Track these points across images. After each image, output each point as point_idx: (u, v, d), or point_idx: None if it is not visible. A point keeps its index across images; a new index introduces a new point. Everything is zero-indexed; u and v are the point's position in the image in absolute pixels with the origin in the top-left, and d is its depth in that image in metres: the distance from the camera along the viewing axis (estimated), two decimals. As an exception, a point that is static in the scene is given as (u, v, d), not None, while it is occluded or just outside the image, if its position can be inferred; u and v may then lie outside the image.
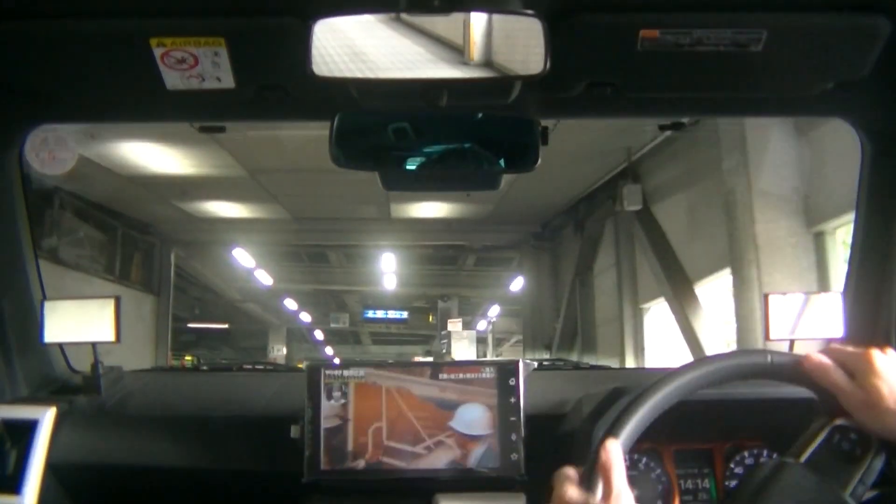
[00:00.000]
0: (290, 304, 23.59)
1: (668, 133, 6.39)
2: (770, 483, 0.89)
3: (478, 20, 1.13)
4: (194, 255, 14.79)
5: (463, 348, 14.10)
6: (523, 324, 13.54)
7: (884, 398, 0.85)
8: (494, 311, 23.24)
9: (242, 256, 15.10)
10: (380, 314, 24.93)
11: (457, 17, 1.12)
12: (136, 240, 11.50)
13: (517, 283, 17.43)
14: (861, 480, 0.87)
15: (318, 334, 32.00)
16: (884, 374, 0.86)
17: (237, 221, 11.74)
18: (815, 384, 0.92)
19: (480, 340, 21.48)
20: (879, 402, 0.85)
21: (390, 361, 1.32)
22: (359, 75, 1.11)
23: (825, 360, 0.90)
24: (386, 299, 24.08)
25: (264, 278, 18.07)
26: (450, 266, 18.10)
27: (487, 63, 1.13)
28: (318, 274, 19.25)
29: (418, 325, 26.57)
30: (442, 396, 1.28)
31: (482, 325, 23.93)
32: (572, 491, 0.80)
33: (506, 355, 22.50)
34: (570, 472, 0.83)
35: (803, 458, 0.90)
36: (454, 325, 17.91)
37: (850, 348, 0.92)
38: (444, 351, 15.63)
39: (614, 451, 0.81)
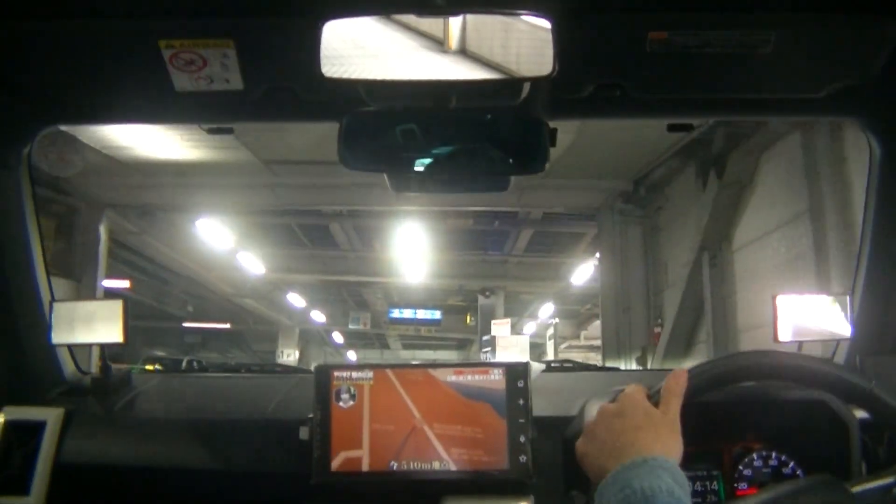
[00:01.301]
0: (297, 300, 25.30)
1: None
2: (811, 498, 1.22)
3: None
4: (150, 229, 15.32)
5: (512, 358, 14.09)
6: (602, 326, 13.72)
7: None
8: (546, 311, 24.25)
9: (213, 231, 15.61)
10: (408, 314, 26.53)
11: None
12: (47, 201, 11.19)
13: (582, 273, 18.14)
14: None
15: (338, 337, 35.27)
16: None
17: (189, 169, 11.58)
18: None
19: (534, 346, 22.32)
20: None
21: (400, 363, 1.82)
22: (367, 76, 1.57)
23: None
24: (415, 295, 25.37)
25: (253, 265, 19.12)
26: (494, 251, 18.86)
27: (462, 50, 1.58)
28: (323, 261, 20.26)
29: (454, 328, 28.28)
30: (450, 398, 1.76)
31: (529, 327, 25.11)
32: (640, 396, 1.31)
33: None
34: (640, 386, 1.35)
35: (856, 488, 1.23)
36: (500, 328, 18.68)
37: None
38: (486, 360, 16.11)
39: (681, 382, 1.31)
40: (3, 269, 2.04)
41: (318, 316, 29.41)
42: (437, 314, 26.65)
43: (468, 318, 27.64)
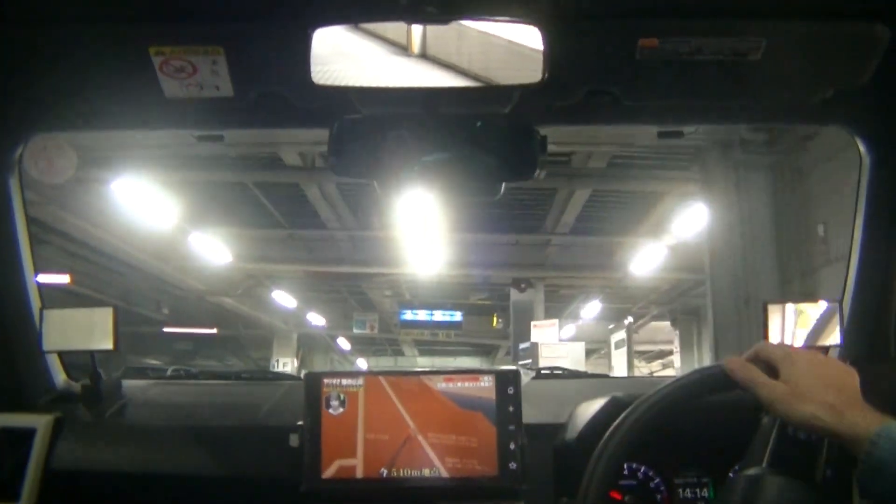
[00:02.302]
0: (284, 299, 26.31)
1: None
2: (751, 500, 1.73)
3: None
4: (58, 196, 13.90)
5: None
6: (714, 325, 12.04)
7: (802, 387, 1.60)
8: (591, 310, 25.11)
9: (139, 196, 13.74)
10: (422, 316, 27.47)
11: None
12: None
13: (646, 258, 18.31)
14: (827, 464, 1.70)
15: (346, 343, 37.63)
16: (805, 364, 1.64)
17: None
18: (742, 385, 1.83)
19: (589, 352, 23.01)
20: (797, 390, 1.60)
21: (389, 370, 2.48)
22: (358, 83, 2.15)
23: (742, 360, 1.81)
24: (430, 292, 26.17)
25: (214, 251, 18.92)
26: (534, 221, 18.59)
27: (423, 54, 2.14)
28: (307, 245, 20.47)
29: (477, 331, 29.46)
30: (441, 405, 2.40)
31: (567, 331, 25.49)
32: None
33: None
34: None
35: (766, 461, 1.79)
36: (544, 332, 19.53)
37: (775, 346, 1.74)
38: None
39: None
40: None
41: (316, 319, 30.61)
42: (456, 315, 27.56)
43: (494, 319, 28.55)
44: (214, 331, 30.34)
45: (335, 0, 2.13)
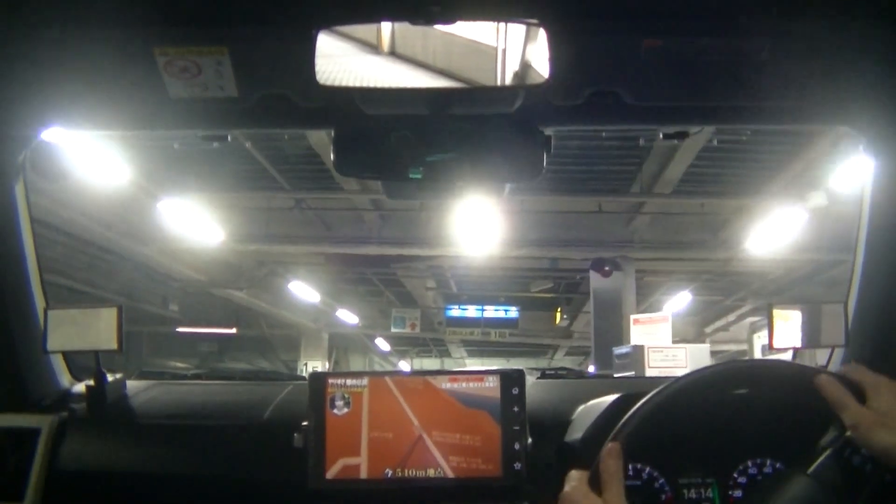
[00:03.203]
0: (304, 291, 26.99)
1: None
2: (776, 494, 2.22)
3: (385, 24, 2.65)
4: None
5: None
6: (857, 318, 11.68)
7: (889, 416, 2.04)
8: (679, 302, 24.96)
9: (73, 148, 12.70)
10: (471, 312, 28.59)
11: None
12: None
13: (774, 230, 17.02)
14: (870, 497, 2.02)
15: (383, 344, 39.91)
16: (894, 394, 2.11)
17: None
18: (828, 402, 2.17)
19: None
20: (884, 419, 2.03)
21: (395, 371, 3.20)
22: (362, 84, 2.74)
23: (832, 378, 2.19)
24: (480, 283, 26.80)
25: (199, 227, 18.26)
26: (619, 181, 17.68)
27: (392, 52, 2.65)
28: (323, 220, 20.04)
29: (537, 329, 30.59)
30: (446, 405, 3.08)
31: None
32: (578, 492, 2.19)
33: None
34: (577, 473, 2.24)
35: (811, 469, 2.09)
36: (648, 330, 19.23)
37: (867, 371, 2.21)
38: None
39: (615, 457, 2.17)
40: None
41: (348, 316, 31.57)
42: (512, 311, 28.49)
43: (558, 314, 29.48)
44: (234, 331, 31.78)
45: (339, 1, 2.69)
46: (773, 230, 17.98)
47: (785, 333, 3.22)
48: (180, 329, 31.19)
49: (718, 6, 2.78)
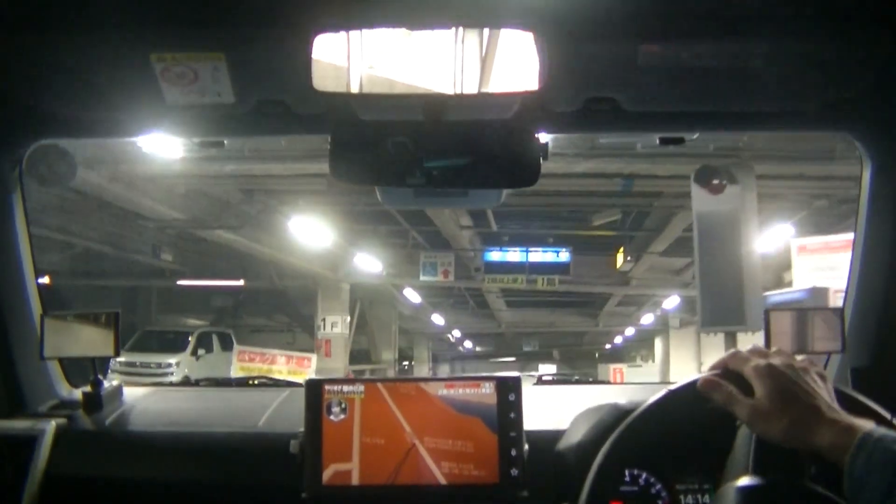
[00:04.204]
0: (311, 230, 24.63)
1: None
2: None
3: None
4: None
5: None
6: None
7: (772, 403, 2.19)
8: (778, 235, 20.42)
9: None
10: (513, 256, 27.22)
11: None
12: None
13: None
14: (812, 460, 2.31)
15: (413, 296, 38.27)
16: (772, 378, 2.23)
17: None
18: (721, 405, 2.47)
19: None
20: (769, 407, 2.18)
21: (391, 378, 3.39)
22: (358, 90, 2.88)
23: (715, 378, 2.35)
24: (524, 219, 24.86)
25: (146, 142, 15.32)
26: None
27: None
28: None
29: (590, 275, 28.51)
30: (442, 412, 3.20)
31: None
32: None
33: None
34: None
35: (750, 469, 2.39)
36: (830, 263, 15.01)
37: (741, 356, 2.37)
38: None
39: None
40: None
41: (370, 264, 29.88)
42: (562, 254, 26.78)
43: (620, 254, 26.95)
44: (241, 283, 31.61)
45: (336, 7, 2.76)
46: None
47: (782, 339, 3.33)
48: (181, 282, 31.45)
49: (715, 11, 2.88)
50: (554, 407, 3.56)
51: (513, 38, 2.82)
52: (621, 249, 28.27)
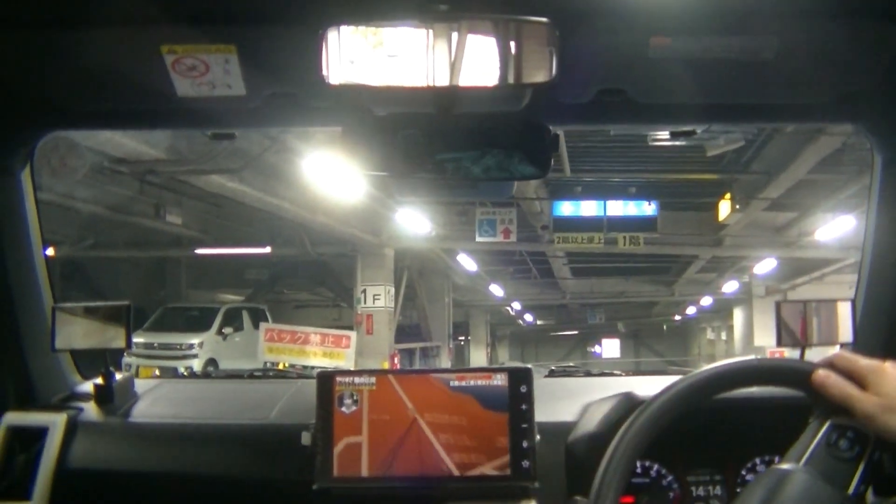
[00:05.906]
0: (331, 172, 18.36)
1: None
2: (776, 494, 2.50)
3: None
4: None
5: None
6: None
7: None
8: None
9: None
10: (588, 209, 25.23)
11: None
12: None
13: None
14: (862, 479, 2.24)
15: (469, 263, 35.45)
16: (888, 373, 2.33)
17: None
18: (836, 398, 2.51)
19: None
20: (893, 403, 2.25)
21: (402, 370, 3.47)
22: (369, 82, 3.06)
23: (830, 372, 2.39)
24: (602, 157, 22.24)
25: None
26: None
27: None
28: None
29: (681, 233, 26.68)
30: (454, 404, 3.38)
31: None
32: None
33: None
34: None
35: (802, 461, 2.30)
36: None
37: (858, 357, 2.39)
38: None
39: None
40: (5, 274, 3.72)
41: (416, 221, 29.28)
42: (649, 206, 24.73)
43: (725, 201, 23.42)
44: (268, 250, 30.61)
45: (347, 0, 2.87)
46: None
47: (792, 331, 3.55)
48: (200, 251, 30.57)
49: (726, 4, 3.04)
50: (565, 398, 3.76)
51: (524, 30, 2.99)
52: (727, 195, 26.24)
